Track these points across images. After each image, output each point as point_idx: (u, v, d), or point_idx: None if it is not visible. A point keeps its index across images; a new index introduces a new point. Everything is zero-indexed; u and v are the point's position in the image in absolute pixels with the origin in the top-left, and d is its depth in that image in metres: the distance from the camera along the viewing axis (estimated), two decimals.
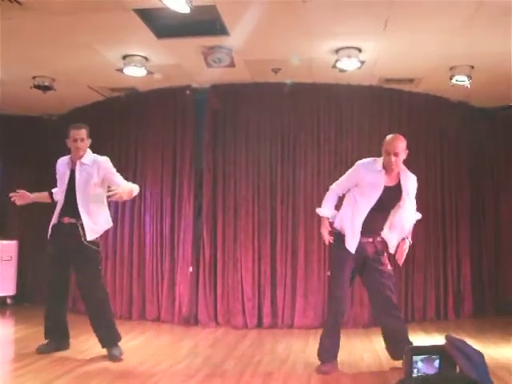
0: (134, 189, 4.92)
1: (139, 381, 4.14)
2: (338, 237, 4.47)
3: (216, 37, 5.43)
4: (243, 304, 6.65)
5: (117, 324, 4.97)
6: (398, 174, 4.35)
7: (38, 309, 7.78)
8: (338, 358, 4.55)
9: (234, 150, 6.91)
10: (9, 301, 8.03)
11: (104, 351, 4.89)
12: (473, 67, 6.07)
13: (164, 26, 5.19)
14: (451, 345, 1.43)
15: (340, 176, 6.72)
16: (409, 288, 6.93)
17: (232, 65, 6.08)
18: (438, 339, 5.79)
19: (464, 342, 1.40)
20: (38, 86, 6.87)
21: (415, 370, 1.47)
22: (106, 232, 7.36)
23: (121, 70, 6.25)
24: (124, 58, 6.02)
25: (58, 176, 5.10)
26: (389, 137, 4.33)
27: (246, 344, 5.64)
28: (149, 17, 4.99)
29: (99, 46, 5.74)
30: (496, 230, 7.66)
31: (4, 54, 5.97)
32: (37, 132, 8.61)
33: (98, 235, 4.95)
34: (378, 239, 4.49)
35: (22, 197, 5.20)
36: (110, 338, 4.87)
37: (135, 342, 5.71)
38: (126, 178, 7.26)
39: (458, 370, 1.43)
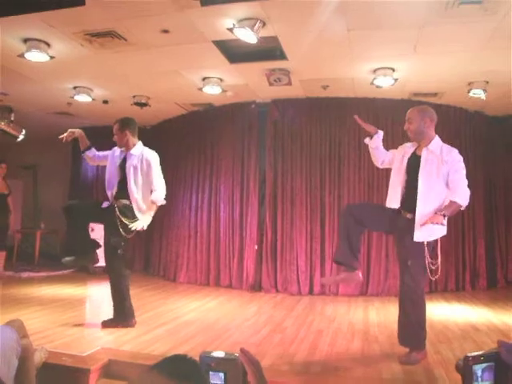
0: (157, 199, 4.31)
1: (218, 333, 4.25)
2: None
3: (277, 61, 5.46)
4: (298, 275, 6.66)
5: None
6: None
7: (137, 275, 8.03)
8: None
9: (290, 152, 6.92)
10: None
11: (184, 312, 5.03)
12: (487, 82, 5.86)
13: (235, 53, 5.26)
14: (506, 351, 1.30)
15: (375, 170, 6.72)
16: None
17: (289, 83, 6.12)
18: (456, 307, 5.75)
19: None
20: (136, 103, 7.09)
21: (476, 380, 1.32)
22: (189, 215, 7.61)
23: (200, 89, 6.36)
24: (203, 79, 6.12)
25: (109, 158, 4.55)
26: None
27: (300, 307, 5.67)
28: (224, 46, 5.08)
29: (184, 71, 5.87)
30: (506, 220, 7.38)
31: (111, 78, 6.22)
32: None
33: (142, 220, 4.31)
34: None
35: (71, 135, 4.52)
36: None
37: (212, 303, 5.83)
38: (205, 175, 7.51)
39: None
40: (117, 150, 4.55)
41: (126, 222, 4.22)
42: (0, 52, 5.11)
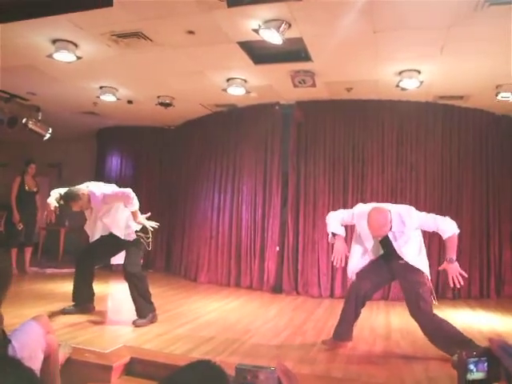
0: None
1: (238, 334, 4.24)
2: None
3: (302, 63, 5.45)
4: (319, 277, 6.63)
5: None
6: None
7: (159, 274, 8.15)
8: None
9: (313, 154, 6.88)
10: None
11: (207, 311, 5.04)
12: None
13: (260, 54, 5.27)
14: (497, 346, 1.37)
15: (399, 173, 6.66)
16: None
17: (313, 85, 6.10)
18: (481, 313, 5.64)
19: (507, 343, 1.35)
20: (161, 103, 7.14)
21: (470, 372, 1.40)
22: (211, 216, 7.63)
23: (225, 90, 6.37)
24: (227, 80, 6.14)
25: None
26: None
27: (321, 310, 5.63)
28: (248, 47, 5.09)
29: (209, 71, 5.89)
30: None
31: (136, 78, 6.28)
32: (159, 139, 8.98)
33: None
34: None
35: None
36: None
37: (233, 304, 5.83)
38: (227, 175, 7.53)
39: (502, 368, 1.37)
40: None
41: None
42: (29, 52, 5.23)
